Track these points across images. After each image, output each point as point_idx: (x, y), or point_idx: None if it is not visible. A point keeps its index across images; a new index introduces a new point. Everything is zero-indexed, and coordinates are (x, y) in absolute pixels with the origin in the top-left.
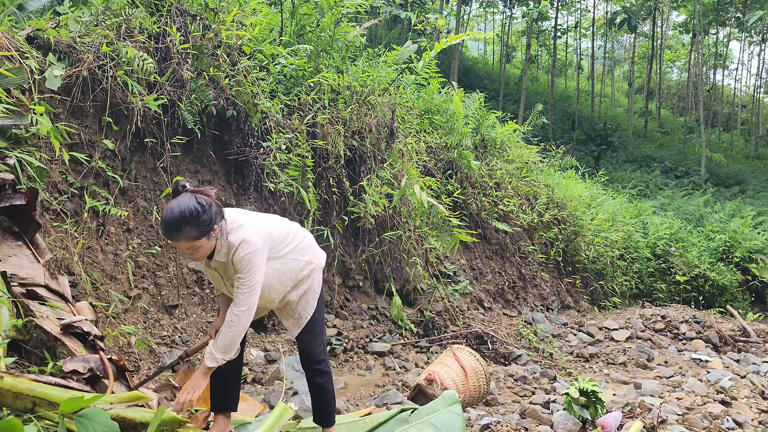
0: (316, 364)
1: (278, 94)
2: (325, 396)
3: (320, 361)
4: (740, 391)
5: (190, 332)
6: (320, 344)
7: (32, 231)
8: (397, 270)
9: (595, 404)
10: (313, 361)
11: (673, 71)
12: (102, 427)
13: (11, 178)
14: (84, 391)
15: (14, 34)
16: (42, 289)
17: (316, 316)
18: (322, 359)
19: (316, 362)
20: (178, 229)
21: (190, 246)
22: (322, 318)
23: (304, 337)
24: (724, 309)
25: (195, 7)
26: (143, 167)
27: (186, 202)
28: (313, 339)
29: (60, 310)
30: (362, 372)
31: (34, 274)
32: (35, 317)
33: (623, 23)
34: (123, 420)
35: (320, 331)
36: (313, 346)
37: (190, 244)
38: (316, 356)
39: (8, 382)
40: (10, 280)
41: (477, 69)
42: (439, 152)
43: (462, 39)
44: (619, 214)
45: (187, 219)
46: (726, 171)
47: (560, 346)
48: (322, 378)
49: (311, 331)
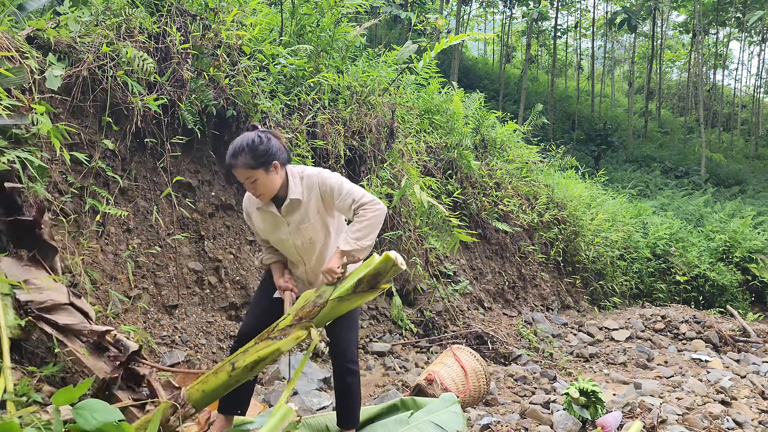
0: (348, 361)
1: (278, 94)
2: (352, 397)
3: (353, 359)
4: (740, 391)
5: (190, 332)
6: (354, 342)
7: (51, 257)
8: None
9: (595, 404)
10: (346, 358)
11: (673, 71)
12: (102, 415)
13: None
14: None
15: (14, 34)
16: (69, 307)
17: (353, 312)
18: (354, 359)
19: (349, 360)
20: (235, 156)
21: (248, 176)
22: (357, 316)
23: (341, 334)
24: (724, 309)
25: (195, 7)
26: (143, 167)
27: (248, 134)
28: (349, 335)
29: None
30: (362, 372)
31: (56, 295)
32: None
33: (623, 23)
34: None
35: (356, 328)
36: (347, 343)
37: (248, 174)
38: (350, 353)
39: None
40: (27, 307)
41: (477, 69)
42: (439, 152)
43: (462, 39)
44: (619, 214)
45: (244, 146)
46: (726, 171)
47: (560, 346)
48: (353, 377)
49: (350, 327)
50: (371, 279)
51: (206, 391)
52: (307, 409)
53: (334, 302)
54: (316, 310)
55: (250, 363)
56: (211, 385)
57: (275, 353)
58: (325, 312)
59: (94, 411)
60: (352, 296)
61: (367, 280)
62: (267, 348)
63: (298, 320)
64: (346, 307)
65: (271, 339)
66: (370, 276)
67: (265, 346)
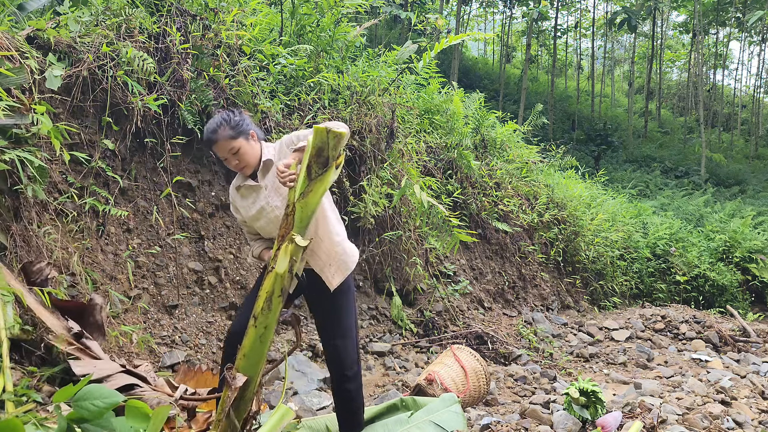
0: (346, 369)
1: (278, 94)
2: (353, 402)
3: (351, 366)
4: (740, 391)
5: (190, 332)
6: (351, 348)
7: (95, 336)
8: (397, 270)
9: (595, 404)
10: (344, 366)
11: (673, 71)
12: (103, 402)
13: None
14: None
15: (14, 34)
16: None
17: (347, 318)
18: (353, 365)
19: (347, 367)
20: (214, 131)
21: (231, 147)
22: (352, 322)
23: (336, 342)
24: (724, 309)
25: (195, 7)
26: (143, 167)
27: (220, 113)
28: (345, 342)
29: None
30: (362, 372)
31: (109, 366)
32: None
33: (623, 23)
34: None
35: (350, 334)
36: (342, 351)
37: (230, 145)
38: (348, 361)
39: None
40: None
41: (477, 69)
42: (439, 152)
43: (462, 39)
44: (619, 214)
45: (221, 121)
46: (726, 171)
47: (560, 346)
48: (351, 383)
49: (344, 335)
50: (317, 158)
51: (246, 354)
52: (307, 409)
53: (301, 201)
54: (290, 221)
55: (264, 303)
56: (247, 346)
57: (277, 281)
58: (299, 215)
59: (93, 398)
60: (312, 185)
61: (315, 162)
62: (268, 280)
63: (281, 240)
64: (314, 199)
65: (269, 272)
66: (314, 156)
67: (267, 281)
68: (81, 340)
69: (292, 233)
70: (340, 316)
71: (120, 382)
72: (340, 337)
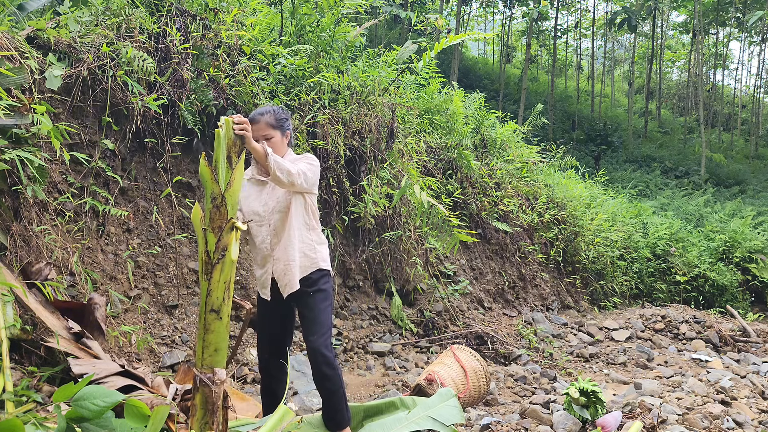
0: (322, 364)
1: (278, 94)
2: (335, 398)
3: (325, 361)
4: (740, 391)
5: (190, 332)
6: (324, 342)
7: (95, 335)
8: (397, 270)
9: (595, 404)
10: (318, 362)
11: (673, 71)
12: (102, 402)
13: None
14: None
15: (14, 34)
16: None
17: (320, 312)
18: (328, 360)
19: (322, 362)
20: (261, 113)
21: (266, 133)
22: (325, 317)
23: (308, 337)
24: (724, 309)
25: (195, 7)
26: (143, 167)
27: (271, 104)
28: (316, 338)
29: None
30: (362, 372)
31: (108, 366)
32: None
33: (623, 23)
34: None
35: (322, 327)
36: (315, 346)
37: (267, 131)
38: (322, 356)
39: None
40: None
41: (477, 69)
42: (439, 152)
43: (462, 39)
44: (619, 214)
45: (270, 110)
46: (726, 171)
47: (560, 346)
48: (329, 380)
49: (315, 331)
50: (234, 147)
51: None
52: (307, 409)
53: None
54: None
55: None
56: (216, 341)
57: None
58: (230, 203)
59: (93, 398)
60: (234, 173)
61: (233, 152)
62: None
63: (218, 230)
64: (238, 186)
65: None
66: (231, 146)
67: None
68: (81, 339)
69: (232, 220)
70: (315, 315)
71: (117, 383)
72: (312, 333)
